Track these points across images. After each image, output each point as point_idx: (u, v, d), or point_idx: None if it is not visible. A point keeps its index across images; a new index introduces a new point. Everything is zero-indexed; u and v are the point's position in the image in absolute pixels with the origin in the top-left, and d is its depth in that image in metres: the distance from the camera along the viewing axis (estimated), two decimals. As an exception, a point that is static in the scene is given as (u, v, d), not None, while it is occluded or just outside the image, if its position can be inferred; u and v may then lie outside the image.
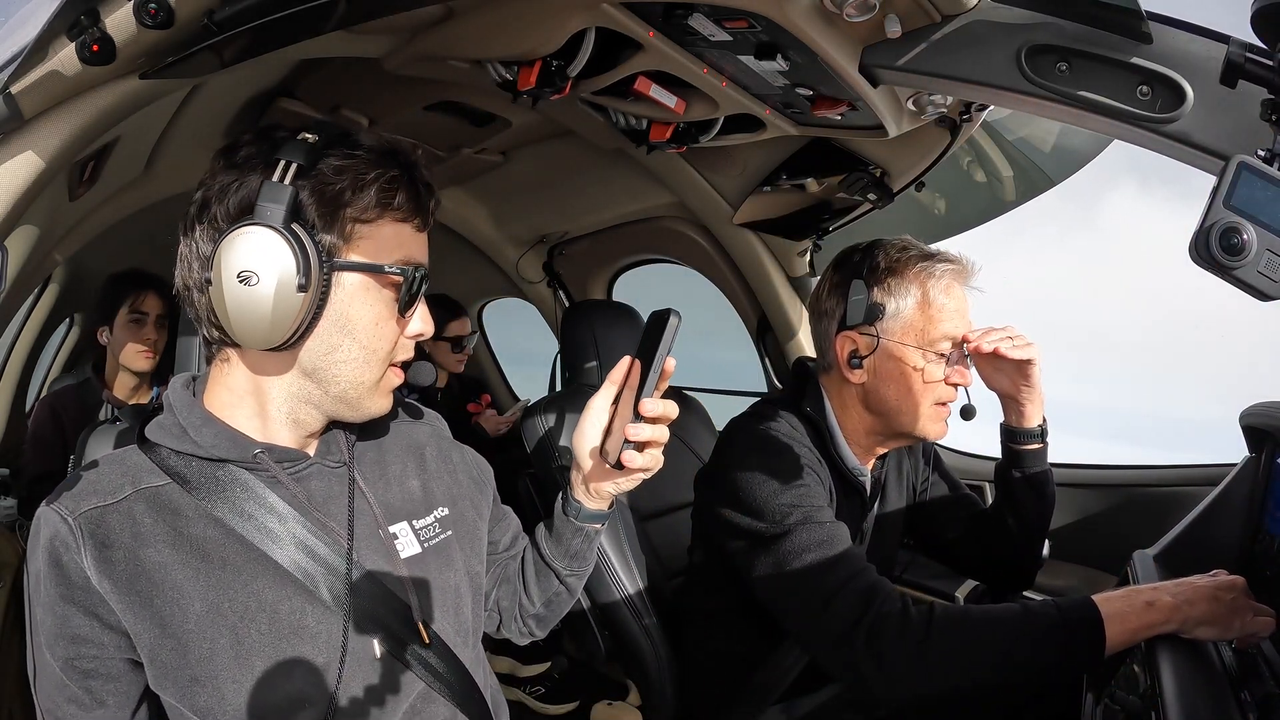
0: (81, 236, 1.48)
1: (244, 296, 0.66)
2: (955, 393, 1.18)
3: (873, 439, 1.24)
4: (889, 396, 1.17)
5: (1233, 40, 0.66)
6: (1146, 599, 0.92)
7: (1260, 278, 0.59)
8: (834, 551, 1.05)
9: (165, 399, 0.77)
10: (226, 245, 0.66)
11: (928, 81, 0.93)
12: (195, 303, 0.71)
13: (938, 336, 1.14)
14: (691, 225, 1.90)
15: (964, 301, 1.17)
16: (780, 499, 1.09)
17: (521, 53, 1.06)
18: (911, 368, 1.15)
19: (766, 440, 1.16)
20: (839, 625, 1.00)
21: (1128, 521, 1.56)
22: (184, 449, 0.73)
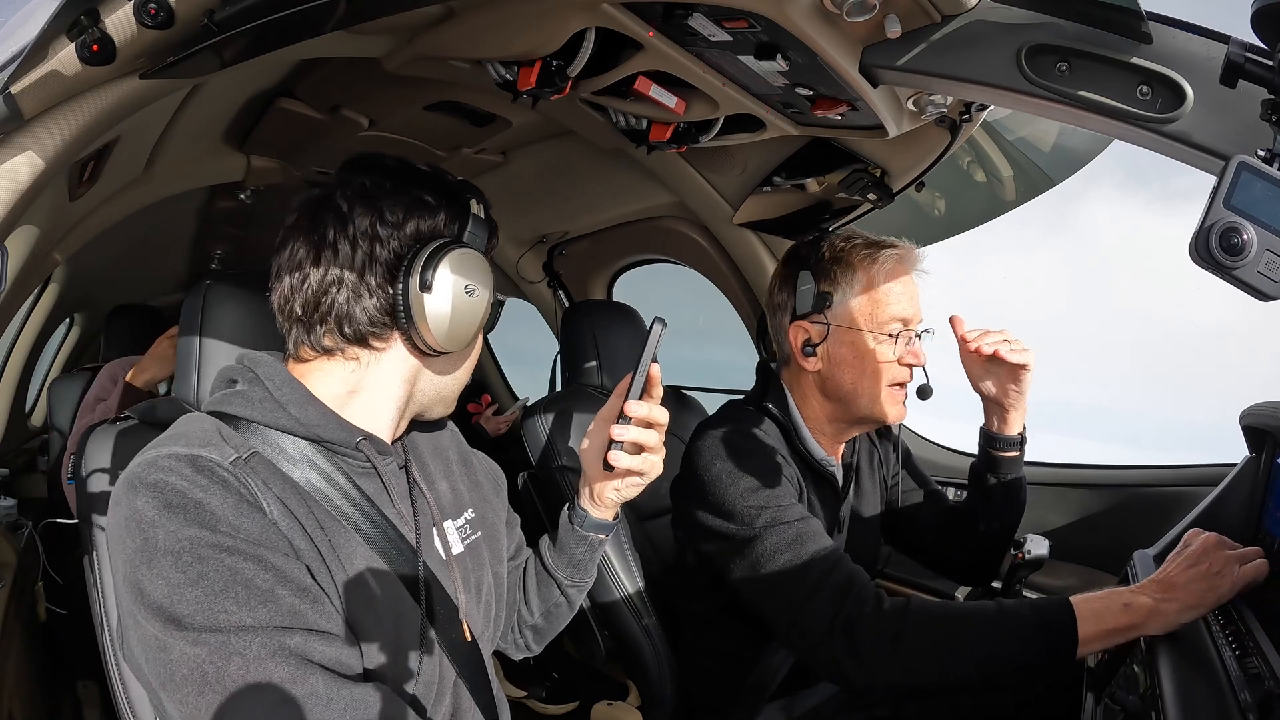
0: (81, 236, 1.48)
1: (465, 306, 0.77)
2: (909, 373, 1.21)
3: (836, 426, 1.27)
4: (844, 381, 1.21)
5: (1233, 40, 0.66)
6: (1125, 600, 0.93)
7: (1260, 278, 0.59)
8: (806, 551, 1.07)
9: (250, 374, 0.77)
10: (449, 262, 0.75)
11: (928, 81, 0.93)
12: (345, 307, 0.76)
13: (886, 319, 1.19)
14: (691, 225, 1.90)
15: (911, 285, 1.22)
16: (748, 501, 1.12)
17: (521, 53, 1.06)
18: (863, 351, 1.19)
19: (731, 443, 1.18)
20: (817, 624, 1.03)
21: (1128, 521, 1.56)
22: (279, 424, 0.75)
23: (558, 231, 2.24)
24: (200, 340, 0.93)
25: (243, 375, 0.78)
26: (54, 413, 2.47)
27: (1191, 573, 0.91)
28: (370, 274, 0.75)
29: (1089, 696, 1.04)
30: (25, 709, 1.72)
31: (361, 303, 0.75)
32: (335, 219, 0.76)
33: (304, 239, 0.77)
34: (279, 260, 0.78)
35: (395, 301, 0.75)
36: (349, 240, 0.75)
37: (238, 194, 2.07)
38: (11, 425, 3.40)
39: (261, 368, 0.77)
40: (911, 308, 1.21)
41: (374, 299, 0.76)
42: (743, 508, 1.12)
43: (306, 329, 0.77)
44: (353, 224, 0.75)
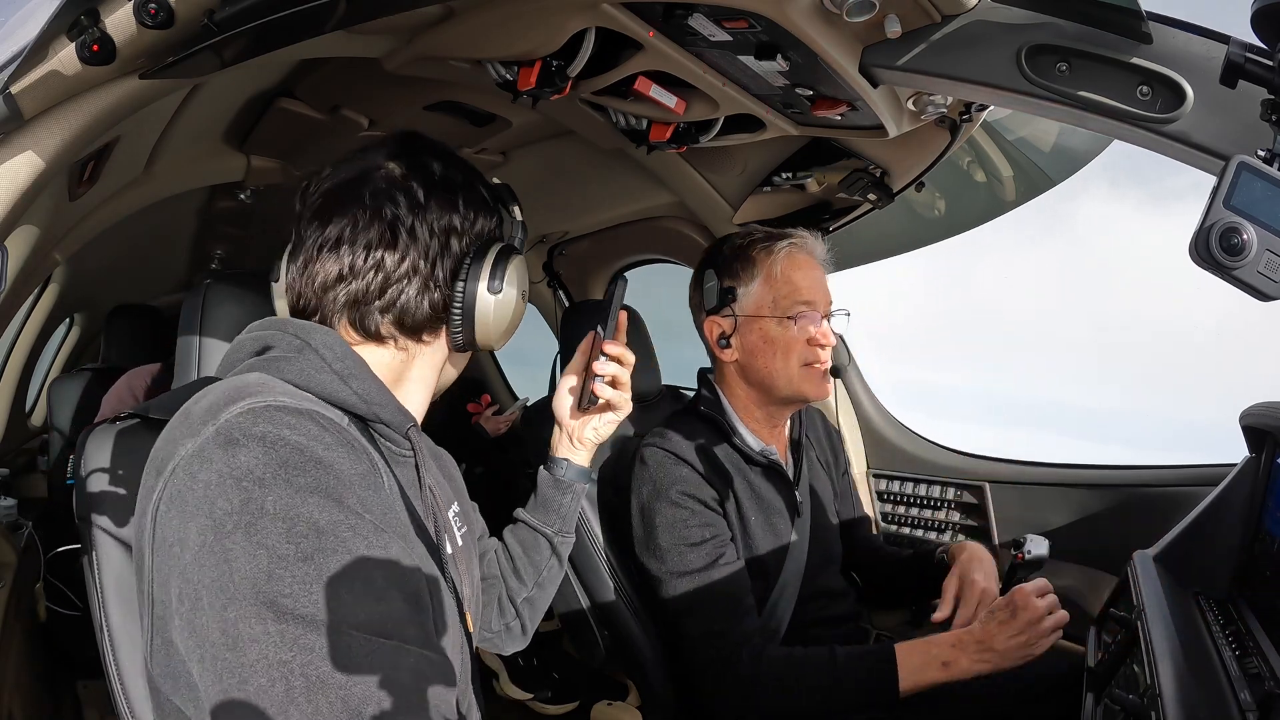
0: (81, 236, 1.48)
1: (517, 309, 0.78)
2: (820, 353, 1.30)
3: (765, 411, 1.36)
4: (759, 366, 1.31)
5: (1233, 40, 0.66)
6: (944, 658, 1.11)
7: (1260, 278, 0.59)
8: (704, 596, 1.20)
9: (297, 341, 0.70)
10: (515, 267, 0.76)
11: (928, 81, 0.93)
12: (413, 300, 0.73)
13: (788, 303, 1.28)
14: (691, 225, 1.90)
15: (811, 269, 1.31)
16: (663, 538, 1.24)
17: (521, 53, 1.06)
18: (771, 336, 1.29)
19: (645, 475, 1.29)
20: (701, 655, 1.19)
21: (1128, 521, 1.56)
22: (336, 397, 0.68)
23: (558, 231, 2.24)
24: (200, 340, 0.93)
25: (283, 342, 0.70)
26: (54, 413, 2.46)
27: (1011, 642, 1.09)
28: (440, 269, 0.73)
29: (1089, 696, 1.04)
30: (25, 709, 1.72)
31: (428, 297, 0.73)
32: (410, 204, 0.72)
33: (373, 218, 0.71)
34: (329, 230, 0.72)
35: (452, 299, 0.74)
36: (427, 229, 0.72)
37: (238, 194, 2.07)
38: (11, 425, 3.39)
39: (316, 335, 0.70)
40: (813, 291, 1.30)
41: (438, 294, 0.74)
42: (657, 544, 1.25)
43: (359, 311, 0.72)
44: (430, 213, 0.73)
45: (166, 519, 0.56)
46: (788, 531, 1.33)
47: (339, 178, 0.75)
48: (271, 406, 0.58)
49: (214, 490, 0.54)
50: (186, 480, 0.56)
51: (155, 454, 0.62)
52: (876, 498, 1.96)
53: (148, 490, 0.60)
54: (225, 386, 0.63)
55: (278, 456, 0.55)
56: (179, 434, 0.60)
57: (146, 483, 0.61)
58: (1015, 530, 1.67)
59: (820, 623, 1.34)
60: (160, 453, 0.61)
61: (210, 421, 0.58)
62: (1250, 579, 1.05)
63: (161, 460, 0.60)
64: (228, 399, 0.60)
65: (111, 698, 0.81)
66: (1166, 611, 0.94)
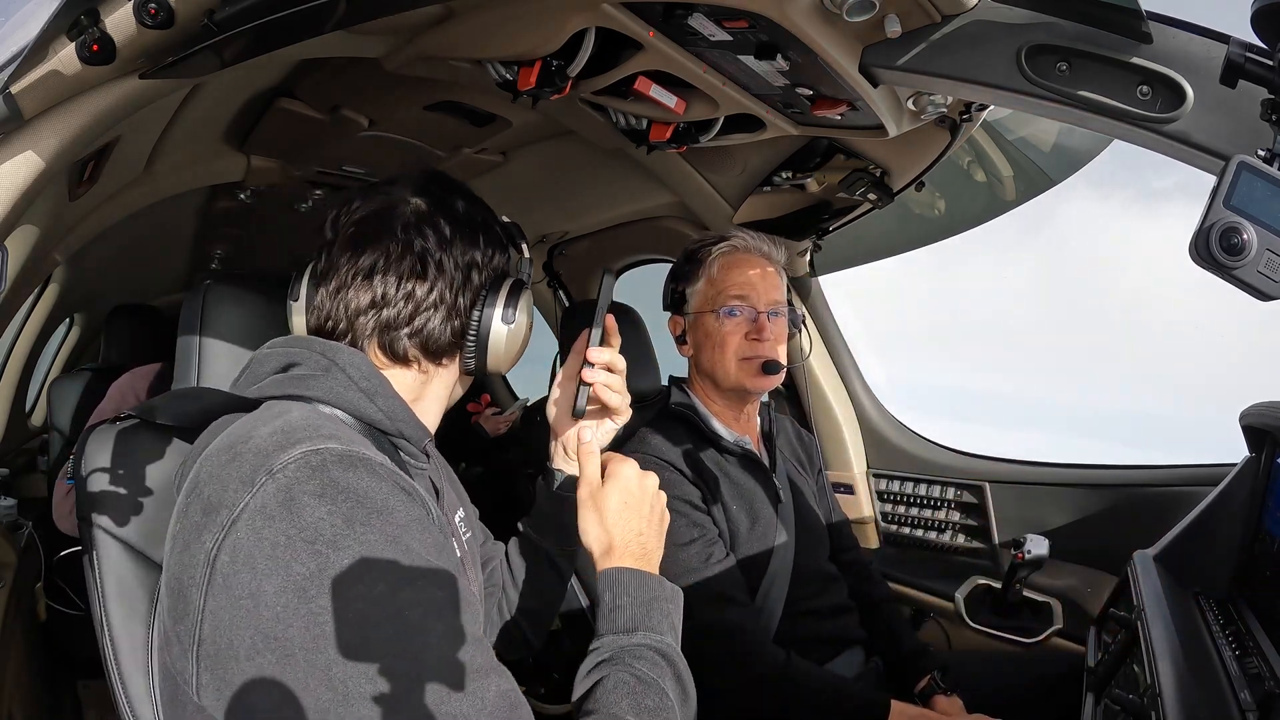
0: (81, 236, 1.48)
1: (525, 337, 0.84)
2: (756, 347, 1.35)
3: (725, 401, 1.42)
4: (706, 359, 1.40)
5: (1233, 40, 0.66)
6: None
7: (1260, 278, 0.59)
8: (701, 594, 1.20)
9: (323, 360, 0.74)
10: (526, 300, 0.83)
11: (928, 81, 0.93)
12: (437, 328, 0.79)
13: (722, 299, 1.37)
14: (691, 225, 1.90)
15: (748, 267, 1.38)
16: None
17: (521, 53, 1.06)
18: (710, 331, 1.38)
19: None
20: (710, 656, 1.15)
21: (1128, 521, 1.56)
22: (363, 415, 0.74)
23: (558, 231, 2.24)
24: (200, 340, 0.93)
25: (310, 360, 0.74)
26: (54, 413, 2.46)
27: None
28: (462, 300, 0.80)
29: (1089, 696, 1.04)
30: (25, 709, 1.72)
31: (450, 325, 0.79)
32: (438, 239, 0.78)
33: (405, 251, 0.77)
34: (363, 260, 0.77)
35: (468, 328, 0.80)
36: (453, 262, 0.79)
37: (238, 194, 2.07)
38: (11, 425, 3.39)
39: (343, 355, 0.74)
40: (747, 287, 1.37)
41: (458, 322, 0.80)
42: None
43: (388, 336, 0.78)
44: (455, 248, 0.79)
45: (232, 571, 0.58)
46: (772, 519, 1.36)
47: (369, 209, 0.79)
48: (326, 455, 0.61)
49: (285, 551, 0.57)
50: (251, 537, 0.58)
51: (198, 485, 0.64)
52: (876, 498, 1.96)
53: (193, 526, 0.62)
54: (274, 427, 0.65)
55: (343, 513, 0.58)
56: (229, 476, 0.61)
57: (190, 516, 0.63)
58: (1015, 530, 1.67)
59: (814, 613, 1.35)
60: (206, 488, 0.63)
61: (264, 470, 0.60)
62: (1250, 579, 1.05)
63: (210, 499, 0.61)
64: (279, 443, 0.62)
65: (112, 698, 0.81)
66: (1166, 611, 0.94)
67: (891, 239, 1.90)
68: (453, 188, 0.84)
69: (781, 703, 1.17)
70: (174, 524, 0.65)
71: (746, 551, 1.31)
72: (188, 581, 0.61)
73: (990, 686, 1.32)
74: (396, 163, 1.83)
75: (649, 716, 0.67)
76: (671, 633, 0.76)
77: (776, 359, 1.35)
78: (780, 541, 1.35)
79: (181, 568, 0.62)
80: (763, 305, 1.36)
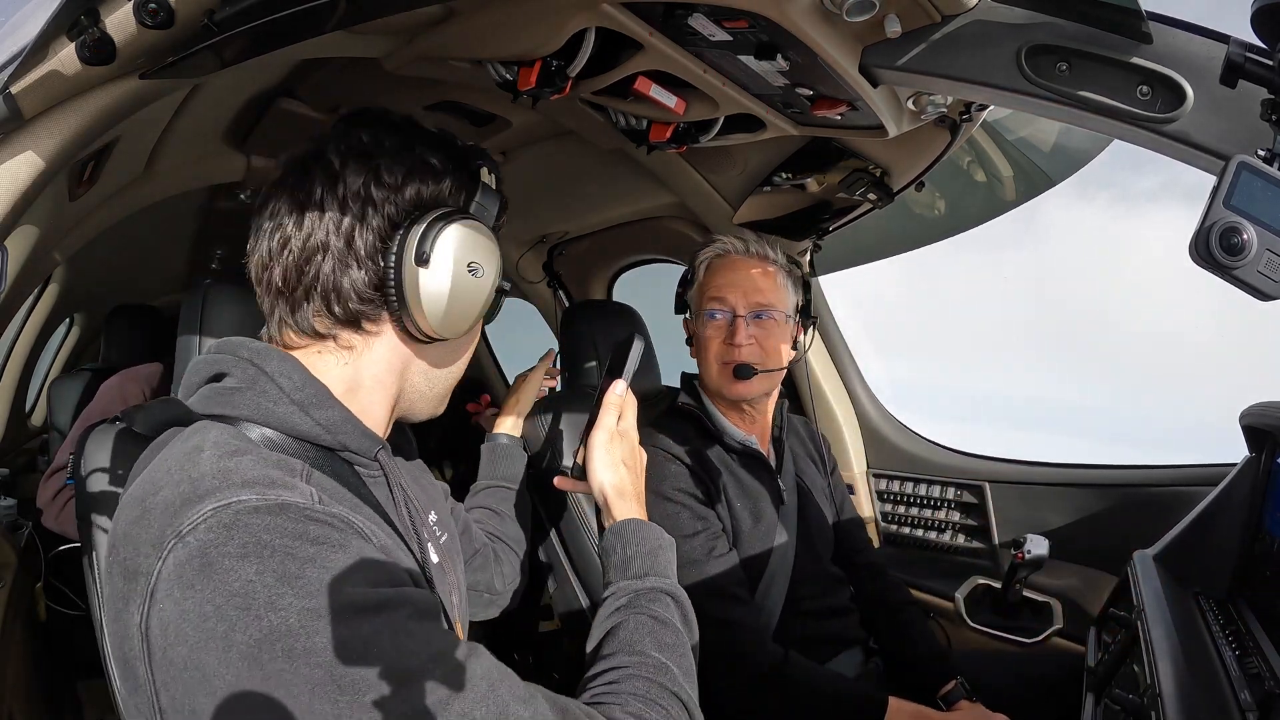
0: (81, 236, 1.48)
1: (466, 287, 0.68)
2: (734, 352, 1.34)
3: (727, 403, 1.41)
4: (698, 363, 1.42)
5: (1233, 40, 0.66)
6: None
7: (1260, 278, 0.59)
8: (703, 587, 1.21)
9: (251, 367, 0.66)
10: (452, 235, 0.67)
11: (928, 81, 0.93)
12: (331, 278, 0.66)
13: (704, 304, 1.39)
14: (691, 225, 1.90)
15: (731, 270, 1.38)
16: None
17: (521, 53, 1.06)
18: (699, 335, 1.40)
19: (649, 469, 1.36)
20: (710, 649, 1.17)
21: (1128, 521, 1.56)
22: (296, 429, 0.65)
23: (558, 231, 2.24)
24: (200, 340, 0.93)
25: (238, 370, 0.66)
26: (54, 413, 2.46)
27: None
28: (359, 240, 0.66)
29: (1089, 696, 1.04)
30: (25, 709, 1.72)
31: (349, 274, 0.66)
32: (324, 175, 0.67)
33: (287, 196, 0.67)
34: (258, 221, 0.68)
35: (386, 275, 0.66)
36: (337, 200, 0.66)
37: (238, 194, 2.07)
38: (11, 425, 3.39)
39: (272, 362, 0.66)
40: (725, 290, 1.36)
41: (363, 271, 0.66)
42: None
43: (290, 306, 0.68)
44: (344, 182, 0.66)
45: (166, 644, 0.53)
46: (773, 519, 1.36)
47: (274, 176, 0.71)
48: (239, 509, 0.54)
49: (217, 622, 0.51)
50: (174, 609, 0.52)
51: (115, 545, 0.57)
52: (876, 498, 1.96)
53: (119, 594, 0.56)
54: (180, 475, 0.57)
55: (272, 570, 0.52)
56: (140, 537, 0.55)
57: (114, 580, 0.56)
58: (1015, 530, 1.67)
59: (813, 614, 1.35)
60: (121, 549, 0.56)
61: (171, 533, 0.53)
62: (1250, 579, 1.05)
63: (126, 564, 0.55)
64: (184, 497, 0.55)
65: (112, 698, 0.81)
66: (1166, 611, 0.94)
67: (892, 239, 1.90)
68: (366, 117, 0.72)
69: (779, 700, 1.17)
70: (104, 583, 0.61)
71: (748, 550, 1.32)
72: (129, 653, 0.55)
73: (990, 686, 1.32)
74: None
75: (668, 652, 0.70)
76: (673, 575, 0.80)
77: (749, 363, 1.33)
78: (781, 542, 1.35)
79: (120, 638, 0.56)
80: (742, 308, 1.35)
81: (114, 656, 0.58)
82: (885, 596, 1.46)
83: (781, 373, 1.39)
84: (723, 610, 1.21)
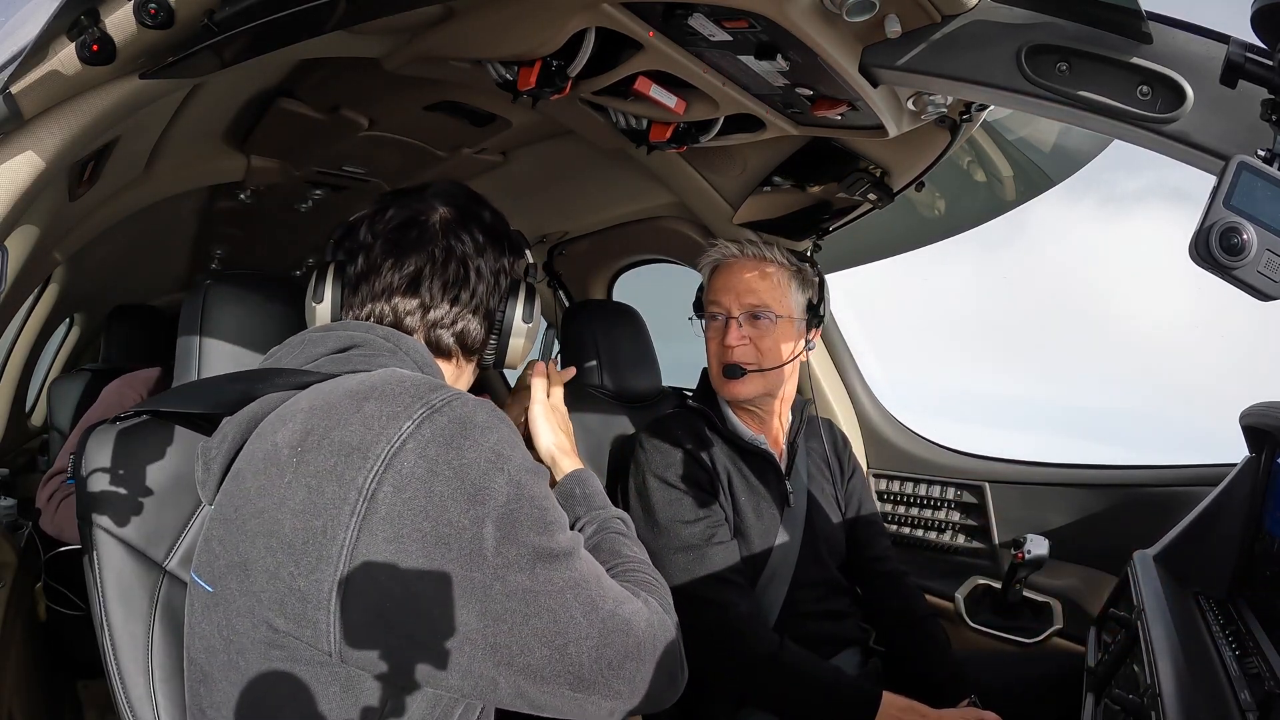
0: (81, 236, 1.48)
1: (538, 333, 0.92)
2: (725, 352, 1.37)
3: (740, 404, 1.42)
4: (707, 365, 1.44)
5: (1233, 40, 0.66)
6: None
7: (1260, 278, 0.59)
8: (701, 572, 1.24)
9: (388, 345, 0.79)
10: (538, 299, 0.92)
11: (928, 81, 0.93)
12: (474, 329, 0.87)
13: (706, 310, 1.42)
14: (691, 225, 1.90)
15: (728, 273, 1.39)
16: (660, 515, 1.29)
17: (521, 53, 1.06)
18: (705, 338, 1.43)
19: (643, 459, 1.36)
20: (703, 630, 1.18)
21: (1128, 521, 1.56)
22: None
23: (558, 231, 2.24)
24: (200, 340, 0.93)
25: (373, 342, 0.79)
26: (54, 413, 2.46)
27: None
28: (493, 302, 0.88)
29: (1089, 696, 1.04)
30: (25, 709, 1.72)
31: (484, 325, 0.88)
32: (474, 248, 0.86)
33: (447, 258, 0.84)
34: (407, 266, 0.83)
35: (496, 326, 0.89)
36: (488, 269, 0.87)
37: (238, 194, 2.07)
38: (11, 425, 3.39)
39: (406, 341, 0.80)
40: (721, 293, 1.39)
41: (488, 321, 0.89)
42: (660, 521, 1.29)
43: (434, 333, 0.85)
44: (486, 255, 0.87)
45: (400, 500, 0.61)
46: (777, 520, 1.36)
47: (404, 215, 0.86)
48: (470, 399, 0.69)
49: (476, 472, 0.63)
50: (424, 465, 0.62)
51: (311, 435, 0.65)
52: (876, 498, 1.96)
53: (323, 471, 0.63)
54: (399, 376, 0.70)
55: (506, 438, 0.67)
56: (370, 416, 0.64)
57: (310, 464, 0.63)
58: (1015, 530, 1.67)
59: (815, 616, 1.35)
60: (334, 433, 0.64)
61: (421, 404, 0.65)
62: (1250, 579, 1.05)
63: (346, 442, 0.63)
64: (424, 385, 0.68)
65: (112, 698, 0.81)
66: (1166, 611, 0.94)
67: (891, 239, 1.90)
68: (476, 198, 0.92)
69: (773, 687, 1.17)
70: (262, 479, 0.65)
71: (748, 546, 1.32)
72: (320, 527, 0.61)
73: (990, 686, 1.31)
74: (397, 163, 1.83)
75: (639, 550, 0.91)
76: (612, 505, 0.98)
77: (739, 363, 1.35)
78: (783, 542, 1.35)
79: (307, 517, 0.62)
80: (735, 310, 1.37)
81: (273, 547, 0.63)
82: (908, 609, 1.43)
83: (783, 371, 1.39)
84: (719, 594, 1.22)
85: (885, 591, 1.45)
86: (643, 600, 0.76)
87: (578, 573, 0.68)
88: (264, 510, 0.64)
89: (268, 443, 0.68)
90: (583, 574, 0.69)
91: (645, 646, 0.72)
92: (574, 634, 0.66)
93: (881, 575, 1.47)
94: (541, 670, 0.65)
